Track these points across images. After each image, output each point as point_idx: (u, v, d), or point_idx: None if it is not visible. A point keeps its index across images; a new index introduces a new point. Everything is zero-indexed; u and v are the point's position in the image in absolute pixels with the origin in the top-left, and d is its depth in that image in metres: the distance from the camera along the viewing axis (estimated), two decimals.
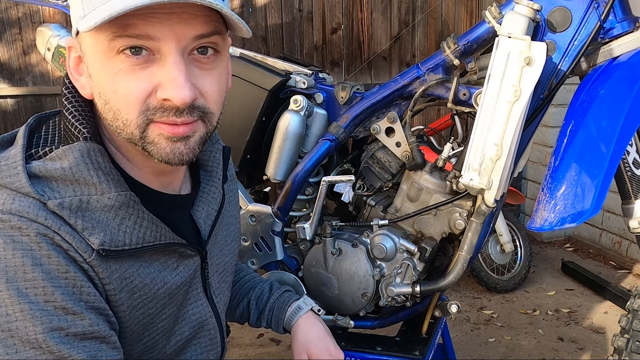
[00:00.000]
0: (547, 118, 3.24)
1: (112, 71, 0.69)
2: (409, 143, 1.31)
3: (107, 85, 0.70)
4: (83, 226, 0.70)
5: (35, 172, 0.70)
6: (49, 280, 0.67)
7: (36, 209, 0.68)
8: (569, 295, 2.78)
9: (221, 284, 0.97)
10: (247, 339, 2.36)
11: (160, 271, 0.80)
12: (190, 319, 0.88)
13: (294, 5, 3.01)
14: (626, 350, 1.22)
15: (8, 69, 2.66)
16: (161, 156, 0.73)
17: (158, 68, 0.69)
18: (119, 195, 0.73)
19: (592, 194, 1.05)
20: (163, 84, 0.69)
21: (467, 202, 1.26)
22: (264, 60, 1.50)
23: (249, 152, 1.44)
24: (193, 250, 0.86)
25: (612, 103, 1.08)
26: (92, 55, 0.71)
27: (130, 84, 0.69)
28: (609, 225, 3.19)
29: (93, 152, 0.73)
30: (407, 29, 3.25)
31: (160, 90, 0.70)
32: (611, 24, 1.14)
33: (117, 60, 0.68)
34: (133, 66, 0.68)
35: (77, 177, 0.71)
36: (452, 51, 1.26)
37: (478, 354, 2.25)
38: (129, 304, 0.76)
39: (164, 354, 0.85)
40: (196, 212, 0.89)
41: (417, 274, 1.28)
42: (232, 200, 1.04)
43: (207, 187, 0.92)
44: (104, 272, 0.72)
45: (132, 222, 0.75)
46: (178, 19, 0.67)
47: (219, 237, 0.95)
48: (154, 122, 0.71)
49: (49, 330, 0.66)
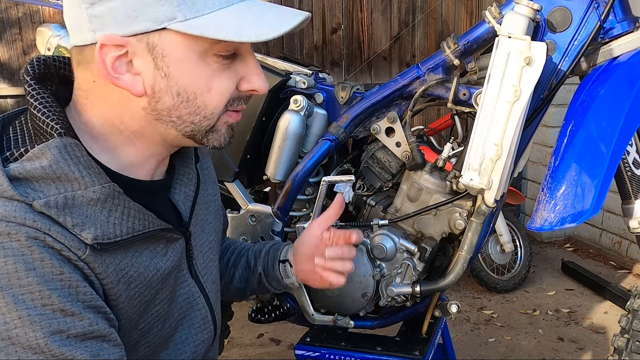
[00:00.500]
0: (547, 118, 3.24)
1: (207, 71, 0.75)
2: (409, 143, 1.31)
3: (199, 84, 0.75)
4: (73, 223, 0.69)
5: (15, 174, 0.69)
6: (44, 284, 0.66)
7: (23, 212, 0.66)
8: (569, 295, 2.78)
9: (207, 263, 0.96)
10: (247, 339, 2.36)
11: (152, 258, 0.80)
12: (178, 300, 0.88)
13: (294, 5, 3.01)
14: (626, 350, 1.22)
15: (8, 69, 2.66)
16: (220, 142, 0.82)
17: (240, 65, 0.79)
18: (102, 187, 0.72)
19: (592, 194, 1.05)
20: (247, 77, 0.80)
21: (467, 202, 1.26)
22: (264, 60, 1.50)
23: (249, 152, 1.44)
24: (178, 234, 0.86)
25: (612, 103, 1.08)
26: (178, 56, 0.73)
27: (225, 82, 0.77)
28: (609, 225, 3.19)
29: (70, 147, 0.72)
30: (407, 29, 3.25)
31: (245, 83, 0.80)
32: (611, 24, 1.14)
33: (211, 61, 0.75)
34: (223, 66, 0.76)
35: (58, 174, 0.70)
36: (452, 51, 1.26)
37: (478, 354, 2.25)
38: (127, 295, 0.76)
39: (160, 337, 0.85)
40: (174, 195, 0.89)
41: (417, 274, 1.28)
42: (208, 179, 1.03)
43: (182, 169, 0.92)
44: (100, 267, 0.72)
45: (119, 213, 0.74)
46: None
47: (199, 217, 0.95)
48: (226, 112, 0.80)
49: (49, 334, 0.65)
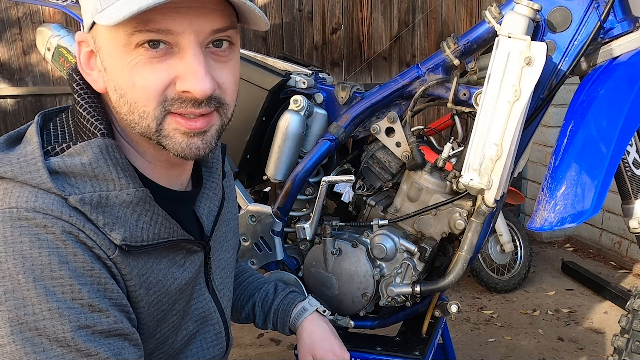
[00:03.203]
0: (547, 118, 3.24)
1: (130, 64, 0.70)
2: (409, 143, 1.31)
3: (125, 78, 0.71)
4: (104, 222, 0.70)
5: (55, 168, 0.70)
6: (75, 278, 0.67)
7: (60, 205, 0.68)
8: (569, 295, 2.78)
9: (224, 279, 0.97)
10: (247, 339, 2.36)
11: (170, 267, 0.81)
12: (194, 313, 0.89)
13: (294, 5, 3.01)
14: (626, 350, 1.22)
15: (8, 69, 2.66)
16: (177, 150, 0.74)
17: (176, 61, 0.70)
18: (137, 191, 0.74)
19: (592, 194, 1.05)
20: (183, 76, 0.70)
21: (467, 202, 1.26)
22: (264, 60, 1.50)
23: (249, 152, 1.44)
24: (199, 246, 0.86)
25: (612, 103, 1.08)
26: (108, 49, 0.71)
27: (149, 76, 0.70)
28: (609, 225, 3.19)
29: (111, 148, 0.74)
30: (407, 29, 3.25)
31: (180, 83, 0.71)
32: (611, 24, 1.14)
33: (135, 53, 0.69)
34: (151, 59, 0.69)
35: (96, 173, 0.72)
36: (452, 51, 1.26)
37: (478, 354, 2.25)
38: (147, 300, 0.77)
39: (173, 349, 0.86)
40: (199, 208, 0.89)
41: (417, 274, 1.28)
42: (231, 197, 1.05)
43: (209, 183, 0.92)
44: (126, 269, 0.73)
45: (148, 218, 0.75)
46: (196, 13, 0.69)
47: (220, 233, 0.96)
48: (170, 113, 0.72)
49: (76, 328, 0.66)
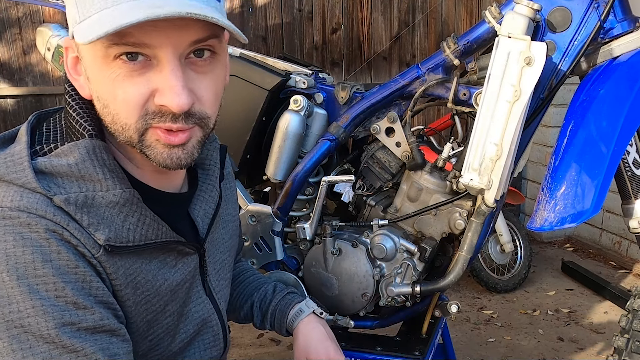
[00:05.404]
0: (547, 118, 3.24)
1: (111, 77, 0.69)
2: (409, 143, 1.31)
3: (106, 90, 0.70)
4: (89, 222, 0.71)
5: (41, 168, 0.71)
6: (59, 276, 0.67)
7: (44, 204, 0.68)
8: (569, 295, 2.78)
9: (220, 281, 0.97)
10: (247, 339, 2.36)
11: (160, 268, 0.81)
12: (194, 317, 0.89)
13: (294, 5, 3.01)
14: (626, 350, 1.22)
15: (8, 69, 2.66)
16: (158, 161, 0.73)
17: (155, 73, 0.69)
18: (123, 192, 0.74)
19: (592, 194, 1.05)
20: (161, 90, 0.69)
21: (467, 202, 1.26)
22: (264, 60, 1.50)
23: (249, 152, 1.44)
24: (191, 248, 0.86)
25: (612, 103, 1.08)
26: (89, 59, 0.71)
27: (129, 90, 0.69)
28: (609, 225, 3.19)
29: (98, 149, 0.74)
30: (407, 29, 3.25)
31: (157, 97, 0.69)
32: (611, 24, 1.14)
33: (115, 66, 0.68)
34: (131, 72, 0.68)
35: (82, 174, 0.72)
36: (452, 51, 1.26)
37: (478, 354, 2.25)
38: (134, 300, 0.78)
39: (170, 352, 0.86)
40: (194, 210, 0.89)
41: (417, 274, 1.28)
42: (230, 199, 1.04)
43: (205, 185, 0.92)
44: (111, 268, 0.73)
45: (135, 219, 0.75)
46: (174, 26, 0.67)
47: (216, 235, 0.96)
48: (152, 127, 0.71)
49: (60, 325, 0.67)
